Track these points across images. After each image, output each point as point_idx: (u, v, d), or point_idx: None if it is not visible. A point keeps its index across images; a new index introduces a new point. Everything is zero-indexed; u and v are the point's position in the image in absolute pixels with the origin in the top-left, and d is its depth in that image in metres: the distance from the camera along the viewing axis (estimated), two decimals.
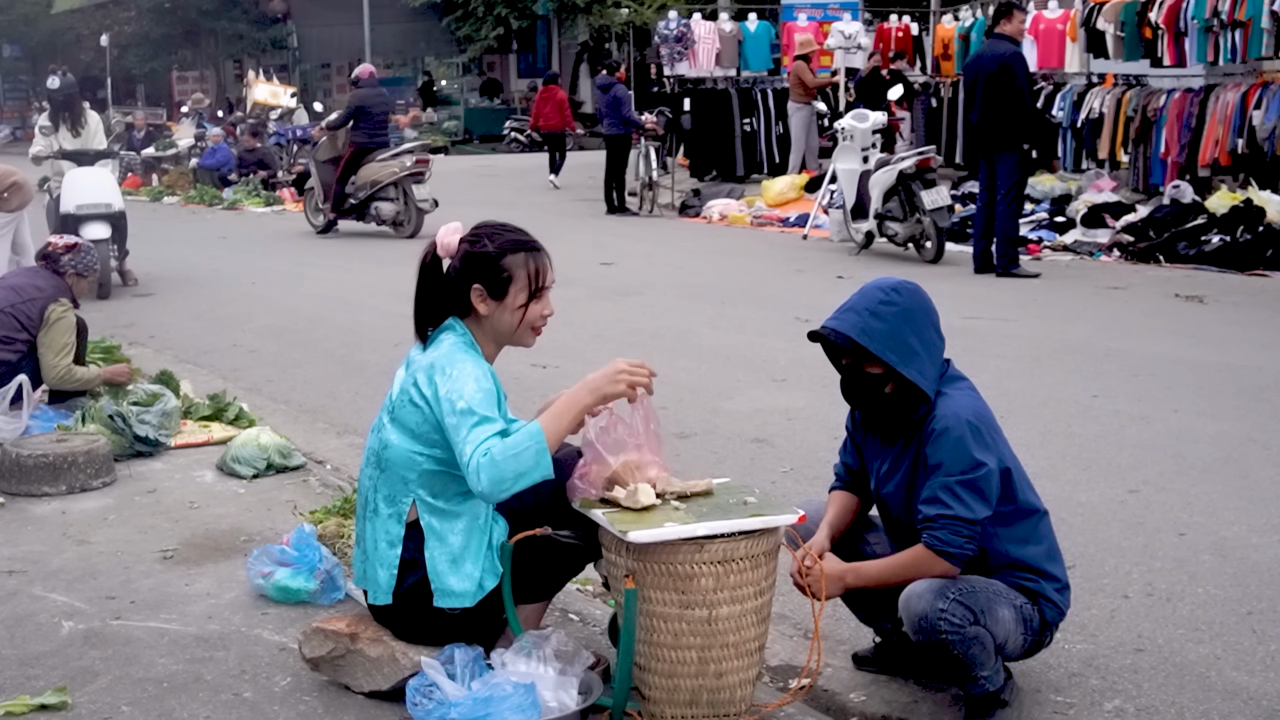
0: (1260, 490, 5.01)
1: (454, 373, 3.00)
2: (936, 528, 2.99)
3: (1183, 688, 3.36)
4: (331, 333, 8.59)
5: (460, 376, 2.99)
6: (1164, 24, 13.04)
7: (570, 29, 31.80)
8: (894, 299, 3.10)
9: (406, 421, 3.09)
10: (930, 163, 11.64)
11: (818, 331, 3.15)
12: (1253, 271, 10.67)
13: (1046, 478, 4.76)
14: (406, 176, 13.50)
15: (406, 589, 3.09)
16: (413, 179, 13.49)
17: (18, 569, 4.06)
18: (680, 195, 17.07)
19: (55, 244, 5.94)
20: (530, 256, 3.14)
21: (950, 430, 3.01)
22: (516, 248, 3.14)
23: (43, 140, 10.64)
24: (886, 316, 3.07)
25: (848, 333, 3.08)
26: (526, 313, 3.14)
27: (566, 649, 2.97)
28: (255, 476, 5.06)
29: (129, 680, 3.27)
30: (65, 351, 5.57)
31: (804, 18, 18.67)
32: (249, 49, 36.59)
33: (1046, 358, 7.50)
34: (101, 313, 8.77)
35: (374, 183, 13.59)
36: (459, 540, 3.08)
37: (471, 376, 3.00)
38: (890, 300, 3.09)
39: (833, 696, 3.36)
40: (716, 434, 5.92)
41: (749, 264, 12.00)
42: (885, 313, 3.08)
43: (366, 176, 13.62)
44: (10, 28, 40.22)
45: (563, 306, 3.73)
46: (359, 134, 13.82)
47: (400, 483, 3.10)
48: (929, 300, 3.17)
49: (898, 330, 3.06)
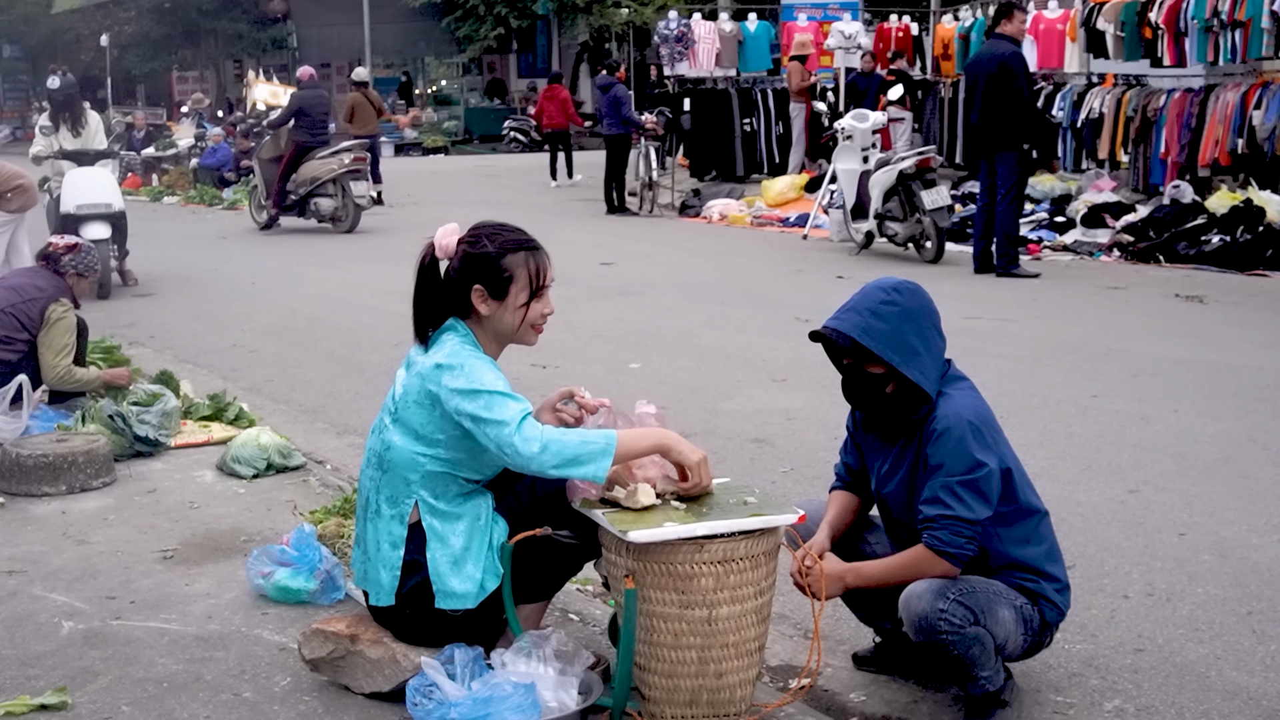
0: (1260, 490, 5.01)
1: (466, 367, 3.01)
2: (937, 528, 2.99)
3: (1183, 688, 3.36)
4: (331, 333, 8.58)
5: (474, 369, 3.01)
6: (1164, 24, 13.04)
7: (570, 29, 31.82)
8: (895, 299, 3.10)
9: (410, 422, 3.08)
10: (930, 163, 11.64)
11: (819, 331, 3.15)
12: (1253, 271, 10.67)
13: (1046, 478, 4.76)
14: (344, 174, 14.03)
15: (408, 590, 3.09)
16: (350, 176, 14.04)
17: (18, 569, 4.06)
18: (680, 195, 17.07)
19: (55, 244, 5.94)
20: (530, 255, 3.14)
21: (951, 430, 3.01)
22: (516, 247, 3.14)
23: (43, 140, 10.64)
24: (888, 316, 3.07)
25: (849, 333, 3.08)
26: (528, 312, 3.15)
27: (566, 649, 2.97)
28: (255, 476, 5.06)
29: (129, 680, 3.27)
30: (65, 352, 5.57)
31: (804, 18, 18.67)
32: (249, 49, 36.58)
33: (1046, 358, 7.50)
34: (101, 313, 8.77)
35: (313, 179, 14.08)
36: (460, 541, 3.08)
37: (486, 367, 3.03)
38: (892, 300, 3.09)
39: (833, 696, 3.36)
40: (716, 434, 5.92)
41: (749, 264, 12.00)
42: (887, 313, 3.08)
43: (306, 174, 14.10)
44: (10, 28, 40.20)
45: (563, 306, 3.73)
46: (300, 133, 14.29)
47: (403, 484, 3.10)
48: (930, 300, 3.17)
49: (899, 330, 3.06)
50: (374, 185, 17.93)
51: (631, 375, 7.23)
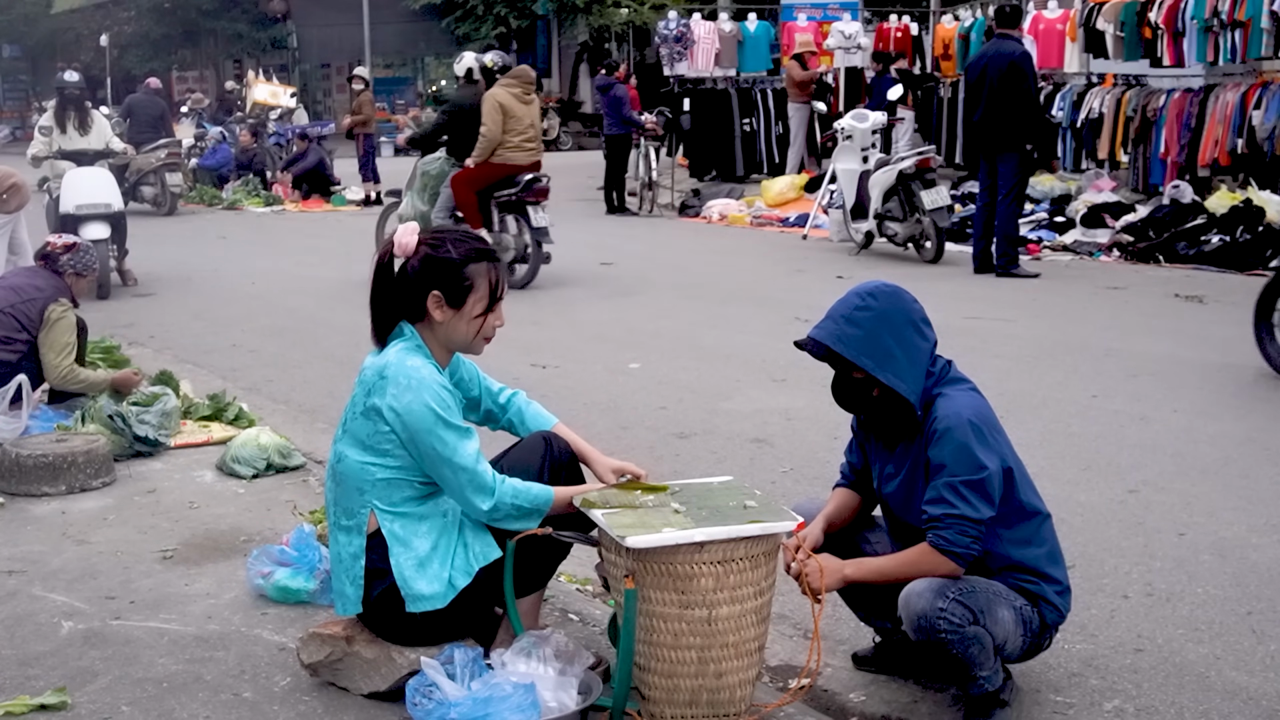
0: (1260, 490, 5.01)
1: (410, 382, 2.98)
2: (942, 527, 2.99)
3: (1182, 688, 3.36)
4: (331, 333, 8.58)
5: (419, 385, 2.98)
6: (1163, 24, 13.05)
7: (570, 29, 31.78)
8: (870, 304, 3.10)
9: (358, 433, 3.06)
10: (930, 163, 11.64)
11: (800, 342, 3.18)
12: (1252, 271, 10.66)
13: (1046, 478, 4.75)
14: (161, 166, 16.13)
15: (377, 597, 3.07)
16: (167, 169, 16.21)
17: (18, 569, 4.06)
18: (680, 195, 17.06)
19: (54, 244, 5.93)
20: (491, 267, 3.11)
21: (952, 431, 3.01)
22: (479, 256, 3.10)
23: (42, 140, 10.64)
24: (861, 322, 3.08)
25: (824, 341, 3.10)
26: (483, 324, 3.12)
27: (566, 649, 2.97)
28: (255, 476, 5.06)
29: (129, 680, 3.27)
30: (67, 352, 5.57)
31: (803, 18, 18.67)
32: (249, 49, 36.54)
33: (1046, 358, 7.50)
34: (101, 313, 8.77)
35: (138, 170, 16.08)
36: (426, 543, 3.05)
37: (432, 384, 3.00)
38: (866, 305, 3.10)
39: (833, 696, 3.36)
40: (716, 434, 5.92)
41: (749, 264, 12.00)
42: (860, 318, 3.08)
43: (134, 166, 15.91)
44: (10, 28, 40.12)
45: (563, 306, 3.73)
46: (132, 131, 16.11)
47: (356, 493, 3.07)
48: (909, 302, 3.14)
49: (874, 334, 3.07)
50: (374, 185, 17.96)
51: (631, 375, 7.23)
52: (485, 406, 3.39)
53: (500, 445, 3.38)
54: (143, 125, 16.45)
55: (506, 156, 10.04)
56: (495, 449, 3.35)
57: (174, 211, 16.41)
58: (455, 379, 3.28)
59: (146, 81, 18.37)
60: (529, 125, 10.11)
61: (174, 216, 16.24)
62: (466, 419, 3.18)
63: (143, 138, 16.15)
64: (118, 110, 17.69)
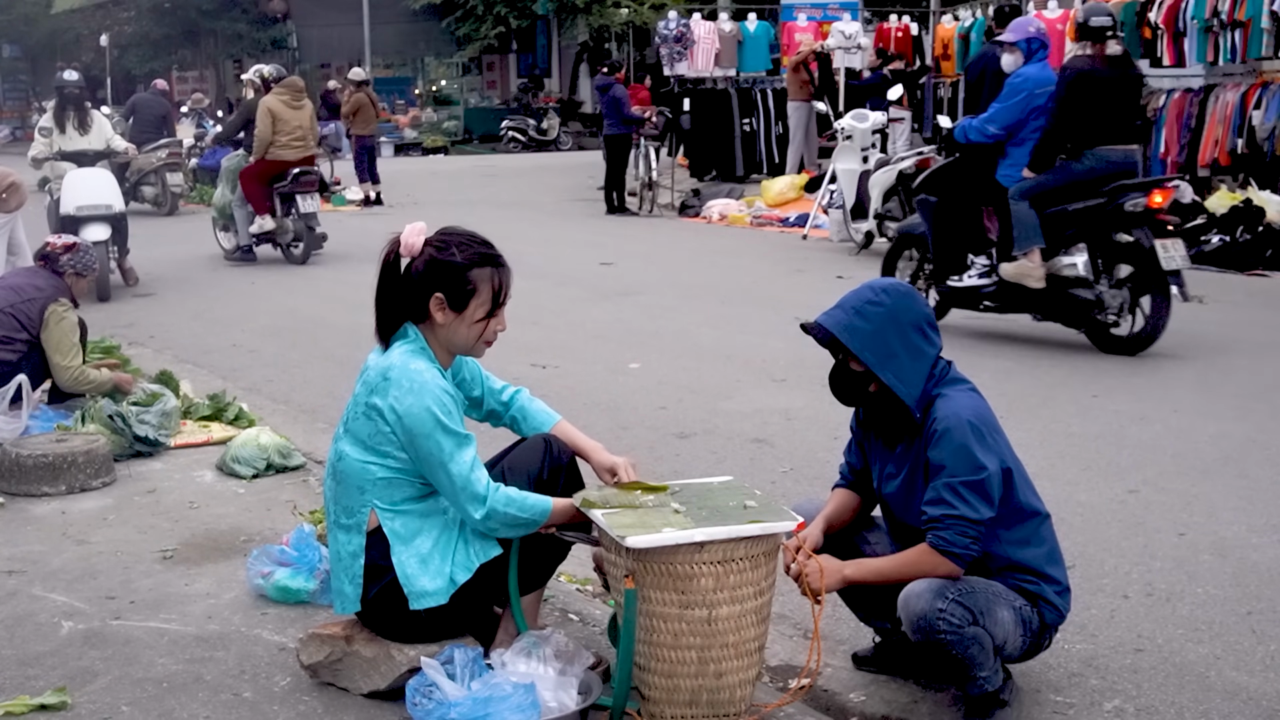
0: (1260, 490, 5.01)
1: (412, 385, 2.98)
2: (942, 528, 2.99)
3: (1182, 688, 3.36)
4: (331, 333, 8.58)
5: (421, 389, 2.98)
6: (1163, 24, 13.04)
7: (570, 29, 31.78)
8: (882, 299, 3.11)
9: (359, 433, 3.06)
10: (930, 163, 11.62)
11: (806, 325, 3.18)
12: (1253, 271, 10.67)
13: (1046, 478, 4.76)
14: (162, 166, 16.27)
15: (375, 595, 3.07)
16: (168, 169, 16.37)
17: (18, 569, 4.06)
18: (680, 195, 17.06)
19: (54, 244, 5.94)
20: (496, 272, 3.10)
21: (952, 431, 3.01)
22: (484, 261, 3.09)
23: (42, 141, 10.62)
24: (871, 316, 3.09)
25: (831, 329, 3.11)
26: (485, 328, 3.12)
27: (566, 649, 2.97)
28: (255, 476, 5.06)
29: (129, 680, 3.27)
30: (74, 353, 5.56)
31: (803, 18, 18.65)
32: (249, 49, 36.53)
33: (1046, 358, 7.50)
34: (101, 313, 8.78)
35: (139, 170, 16.11)
36: (427, 540, 3.05)
37: (434, 388, 3.00)
38: (878, 301, 3.10)
39: (832, 696, 3.36)
40: (716, 434, 5.92)
41: (749, 264, 12.00)
42: (870, 313, 3.09)
43: (135, 165, 15.83)
44: (10, 28, 40.11)
45: (563, 306, 3.73)
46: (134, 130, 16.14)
47: (356, 492, 3.07)
48: (921, 305, 3.16)
49: (881, 331, 3.07)
50: (374, 185, 17.96)
51: (631, 375, 7.23)
52: (488, 405, 3.39)
53: (502, 443, 3.38)
54: (145, 125, 16.64)
55: (278, 154, 11.68)
56: (497, 447, 3.36)
57: (174, 211, 16.56)
58: (458, 379, 3.28)
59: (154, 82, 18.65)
60: (297, 127, 11.73)
61: (174, 216, 16.36)
62: (469, 417, 3.18)
63: (145, 137, 16.25)
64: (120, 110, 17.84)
